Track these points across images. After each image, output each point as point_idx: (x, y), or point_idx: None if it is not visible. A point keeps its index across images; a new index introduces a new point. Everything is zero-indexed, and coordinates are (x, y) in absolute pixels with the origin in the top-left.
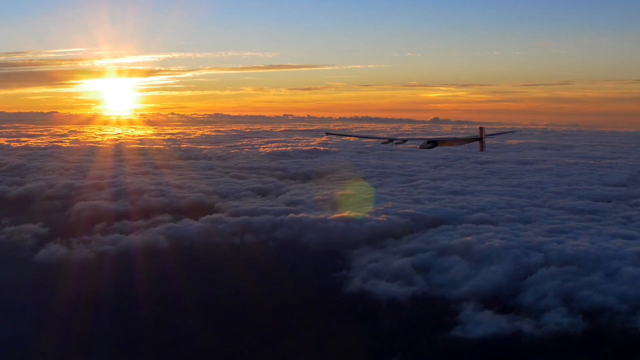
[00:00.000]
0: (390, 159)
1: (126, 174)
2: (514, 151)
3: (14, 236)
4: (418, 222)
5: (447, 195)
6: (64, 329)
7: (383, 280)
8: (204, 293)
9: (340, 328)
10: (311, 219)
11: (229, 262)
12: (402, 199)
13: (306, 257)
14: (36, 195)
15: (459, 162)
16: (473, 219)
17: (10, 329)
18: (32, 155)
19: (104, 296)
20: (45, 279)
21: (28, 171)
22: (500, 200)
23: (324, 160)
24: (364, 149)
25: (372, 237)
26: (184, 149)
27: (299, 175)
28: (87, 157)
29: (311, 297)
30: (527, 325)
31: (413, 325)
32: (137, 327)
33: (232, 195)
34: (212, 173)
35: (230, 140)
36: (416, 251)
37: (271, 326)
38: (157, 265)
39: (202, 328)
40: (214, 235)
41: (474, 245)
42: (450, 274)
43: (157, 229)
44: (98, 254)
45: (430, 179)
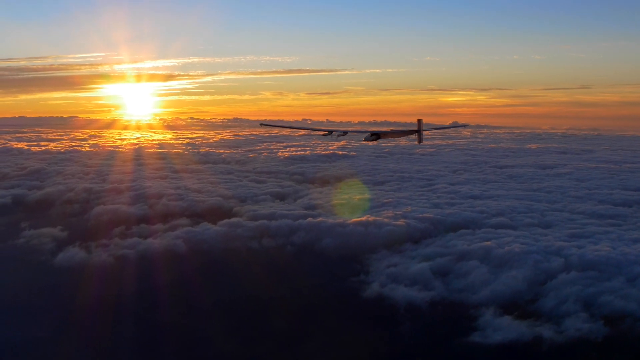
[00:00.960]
0: (408, 163)
1: (145, 178)
2: (533, 155)
3: (34, 240)
4: (437, 227)
5: (466, 200)
6: (83, 332)
7: (401, 285)
8: (222, 297)
9: (359, 333)
10: (329, 223)
11: (247, 266)
12: (420, 203)
13: (324, 261)
14: (55, 199)
15: (478, 167)
16: (492, 224)
17: (30, 331)
18: (52, 159)
19: (122, 300)
20: (63, 282)
21: (48, 175)
22: (519, 205)
23: (343, 164)
24: (382, 153)
25: (391, 241)
26: (202, 153)
27: (317, 180)
28: (106, 161)
29: (329, 302)
30: (547, 330)
31: (432, 331)
32: (155, 330)
33: (250, 200)
34: (231, 177)
35: (249, 144)
36: (435, 256)
37: (289, 330)
38: (175, 269)
39: (221, 332)
40: (232, 240)
41: (493, 250)
42: (469, 279)
43: (176, 233)
44: (116, 257)
45: (449, 183)
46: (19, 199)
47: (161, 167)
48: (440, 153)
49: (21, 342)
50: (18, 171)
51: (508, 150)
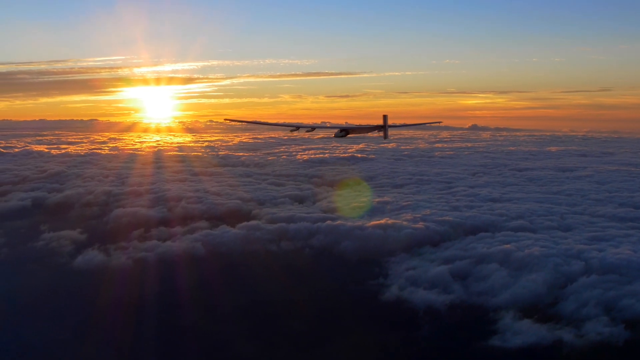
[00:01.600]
0: (428, 166)
1: (164, 181)
2: (553, 158)
3: (53, 242)
4: (456, 230)
5: (486, 203)
6: (103, 335)
7: (420, 288)
8: (241, 300)
9: (377, 336)
10: (348, 226)
11: (265, 269)
12: (439, 206)
13: (343, 264)
14: (75, 201)
15: (498, 169)
16: (512, 227)
17: (50, 334)
18: (72, 162)
19: (141, 302)
20: (82, 285)
21: (67, 178)
22: (539, 208)
23: (362, 167)
24: (401, 156)
25: (410, 244)
26: (222, 156)
27: (337, 182)
28: (126, 164)
29: (347, 305)
30: (567, 334)
31: (451, 334)
32: (174, 333)
33: (269, 202)
34: (250, 180)
35: (268, 147)
36: (454, 259)
37: (308, 333)
38: (194, 272)
39: (239, 335)
40: (250, 242)
41: (513, 253)
42: (488, 282)
43: (194, 236)
44: (135, 260)
45: (468, 186)
46: (38, 202)
47: (180, 169)
48: (459, 156)
49: (41, 345)
50: (38, 174)
51: (528, 153)
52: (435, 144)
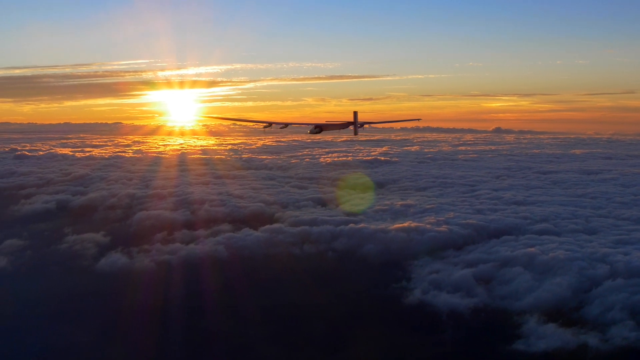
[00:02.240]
0: (451, 169)
1: (188, 184)
2: (578, 161)
3: (77, 245)
4: (480, 233)
5: (510, 206)
6: (126, 337)
7: (444, 292)
8: (264, 303)
9: (401, 339)
10: (371, 229)
11: (288, 272)
12: (463, 209)
13: (366, 267)
14: (99, 204)
15: (522, 172)
16: (536, 230)
17: (74, 336)
18: (96, 165)
19: (164, 305)
20: (106, 287)
21: (91, 181)
22: (564, 211)
23: (385, 170)
24: (425, 159)
25: (433, 247)
26: (245, 159)
27: (359, 186)
28: (149, 167)
29: (371, 308)
30: (592, 339)
31: (474, 338)
32: (196, 336)
33: (292, 205)
34: (273, 183)
35: (291, 150)
36: (478, 262)
37: (331, 337)
38: (217, 275)
39: (262, 338)
40: (273, 246)
41: (537, 257)
42: (512, 286)
43: (217, 239)
44: (158, 263)
45: (492, 189)
46: (63, 205)
47: (204, 172)
48: (483, 159)
49: (65, 347)
50: (63, 177)
51: (552, 156)
52: (458, 147)
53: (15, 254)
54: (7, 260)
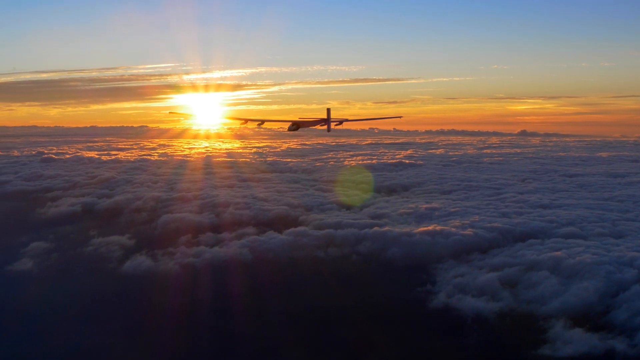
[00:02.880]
0: (476, 172)
1: (212, 187)
2: (604, 164)
3: (102, 247)
4: (505, 236)
5: (535, 209)
6: (150, 339)
7: (469, 296)
8: (288, 306)
9: (425, 343)
10: (395, 233)
11: (312, 275)
12: (488, 212)
13: (390, 271)
14: (124, 207)
15: (547, 175)
16: (562, 233)
17: (99, 338)
18: (122, 168)
19: (188, 308)
20: (130, 290)
21: (117, 184)
22: (590, 214)
23: (409, 173)
24: (449, 162)
25: (458, 251)
26: (270, 162)
27: (384, 189)
28: (174, 170)
29: (395, 312)
30: (620, 344)
31: (500, 342)
32: (221, 338)
33: (316, 209)
34: (297, 186)
35: (315, 153)
36: (503, 266)
37: (355, 340)
38: (241, 278)
39: (286, 341)
40: (298, 249)
41: (563, 261)
42: (538, 290)
43: (242, 242)
44: (182, 266)
45: (517, 192)
46: (89, 207)
47: (229, 175)
48: (508, 162)
49: (90, 349)
50: (89, 180)
51: (578, 159)
52: (483, 150)
53: (41, 256)
54: (33, 262)
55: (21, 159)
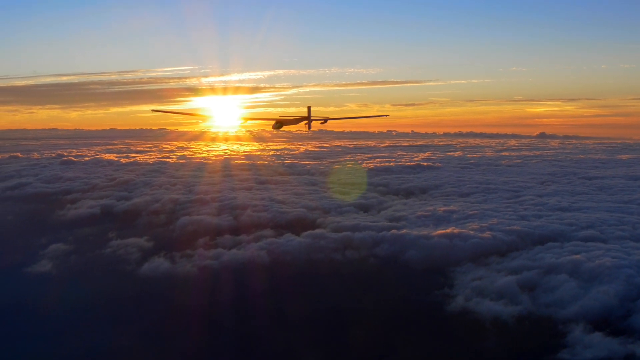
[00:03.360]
0: (494, 175)
1: (230, 189)
2: (624, 166)
3: (120, 249)
4: (524, 239)
5: (554, 212)
6: (167, 341)
7: (487, 299)
8: (305, 309)
9: (443, 347)
10: (413, 235)
11: (330, 278)
12: (507, 215)
13: (408, 274)
14: (142, 209)
15: (567, 178)
16: (581, 237)
17: (117, 340)
18: (140, 170)
19: (205, 310)
20: (148, 292)
21: (136, 186)
22: (610, 217)
23: (427, 175)
24: (468, 164)
25: (476, 254)
26: (287, 165)
27: (402, 191)
28: (193, 173)
29: (413, 315)
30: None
31: (518, 346)
32: (238, 341)
33: (334, 211)
34: (315, 188)
35: (333, 155)
36: (522, 269)
37: (372, 343)
38: (258, 280)
39: (303, 344)
40: (315, 251)
41: (583, 264)
42: (557, 293)
43: (259, 244)
44: (200, 268)
45: (536, 194)
46: (107, 209)
47: (247, 178)
48: (527, 164)
49: (108, 350)
50: (107, 182)
51: (597, 161)
52: (502, 152)
53: (60, 258)
54: (52, 264)
55: (41, 161)
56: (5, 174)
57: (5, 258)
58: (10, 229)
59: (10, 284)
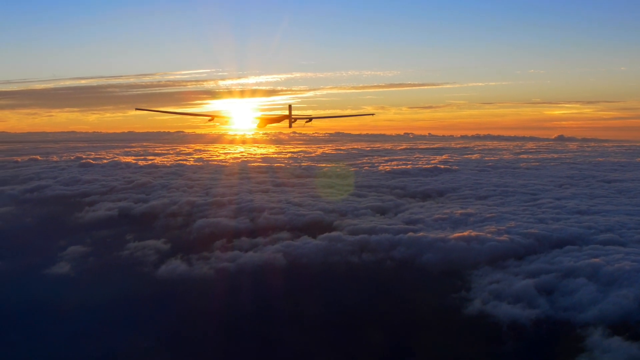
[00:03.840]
0: (512, 177)
1: (247, 192)
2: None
3: (138, 252)
4: (542, 243)
5: (573, 215)
6: (184, 343)
7: (504, 302)
8: (321, 312)
9: (459, 350)
10: (430, 238)
11: (346, 280)
12: (524, 218)
13: (424, 277)
14: (160, 212)
15: (585, 181)
16: (600, 240)
17: (135, 342)
18: (158, 173)
19: (221, 312)
20: (165, 294)
21: (153, 189)
22: (629, 221)
23: (445, 178)
24: (485, 167)
25: (494, 257)
26: (304, 167)
27: (419, 194)
28: (210, 175)
29: (429, 318)
30: None
31: (536, 350)
32: (255, 343)
33: (351, 214)
34: (332, 191)
35: (350, 158)
36: (540, 272)
37: (389, 346)
38: (274, 282)
39: (319, 347)
40: (332, 254)
41: (602, 267)
42: (576, 297)
43: (276, 247)
44: (217, 270)
45: (554, 197)
46: (125, 212)
47: (263, 180)
48: (545, 167)
49: (125, 352)
50: (125, 185)
51: (617, 164)
52: (520, 155)
53: (78, 260)
54: (70, 266)
55: (60, 164)
56: (24, 177)
57: (25, 260)
58: (30, 231)
59: (29, 286)
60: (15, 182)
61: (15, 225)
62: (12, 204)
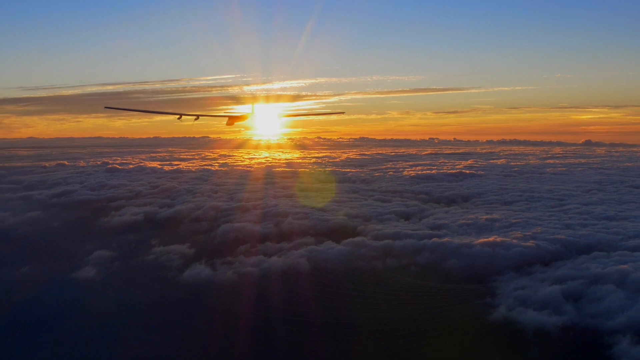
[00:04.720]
0: (538, 183)
1: (272, 197)
2: None
3: (163, 256)
4: (568, 249)
5: (600, 221)
6: (208, 347)
7: (530, 309)
8: (344, 317)
9: (485, 357)
10: (455, 244)
11: (370, 286)
12: (551, 224)
13: (449, 282)
14: (185, 216)
15: (613, 186)
16: (629, 246)
17: (159, 346)
18: (183, 178)
19: (245, 316)
20: (190, 298)
21: (178, 194)
22: None
23: (470, 183)
24: (511, 172)
25: (519, 263)
26: (329, 172)
27: (444, 199)
28: (235, 180)
29: (454, 324)
30: None
31: (562, 358)
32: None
33: (375, 219)
34: (356, 196)
35: (374, 163)
36: (566, 279)
37: (412, 353)
38: (297, 287)
39: (341, 351)
40: (355, 259)
41: (630, 274)
42: (603, 304)
43: (300, 252)
44: (240, 275)
45: (581, 203)
46: (150, 216)
47: (288, 185)
48: (572, 172)
49: (150, 356)
50: (151, 189)
51: None
52: (546, 160)
53: (104, 264)
54: (96, 270)
55: (87, 169)
56: (52, 182)
57: (52, 264)
58: (57, 235)
59: (56, 290)
60: (43, 187)
61: (42, 230)
62: (40, 209)
